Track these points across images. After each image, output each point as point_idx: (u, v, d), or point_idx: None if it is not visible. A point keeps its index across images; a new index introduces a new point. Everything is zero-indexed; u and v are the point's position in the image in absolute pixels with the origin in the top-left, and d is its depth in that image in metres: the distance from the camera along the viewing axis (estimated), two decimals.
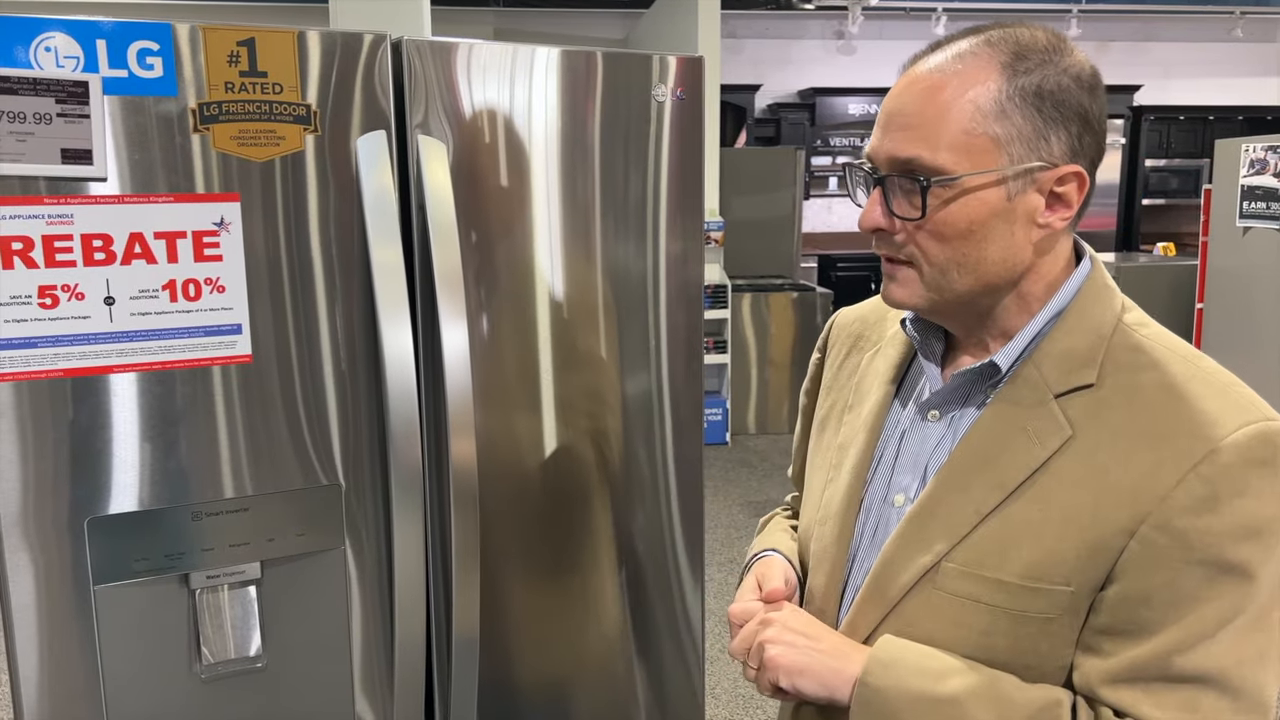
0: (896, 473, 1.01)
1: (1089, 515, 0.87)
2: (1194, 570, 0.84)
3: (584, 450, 1.64)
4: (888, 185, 0.92)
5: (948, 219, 0.90)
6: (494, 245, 1.51)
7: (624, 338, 1.64)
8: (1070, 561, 0.87)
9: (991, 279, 0.93)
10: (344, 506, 1.44)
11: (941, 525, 0.94)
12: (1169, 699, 0.85)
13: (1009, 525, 0.90)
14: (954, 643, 0.92)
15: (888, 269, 0.96)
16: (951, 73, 0.90)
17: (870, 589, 0.98)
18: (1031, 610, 0.89)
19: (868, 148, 0.96)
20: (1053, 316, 0.95)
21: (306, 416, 1.40)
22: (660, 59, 1.58)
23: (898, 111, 0.92)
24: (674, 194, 1.64)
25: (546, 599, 1.65)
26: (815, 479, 1.12)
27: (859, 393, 1.10)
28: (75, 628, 1.30)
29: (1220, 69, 8.90)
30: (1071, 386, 0.91)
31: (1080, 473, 0.88)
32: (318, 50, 1.33)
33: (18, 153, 1.19)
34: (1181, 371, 0.90)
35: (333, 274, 1.39)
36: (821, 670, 0.95)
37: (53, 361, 1.24)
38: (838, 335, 1.20)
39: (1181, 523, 0.84)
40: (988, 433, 0.94)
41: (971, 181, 0.89)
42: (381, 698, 1.51)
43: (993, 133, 0.88)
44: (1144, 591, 0.85)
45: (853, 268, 8.62)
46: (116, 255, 1.25)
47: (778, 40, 8.62)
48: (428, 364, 1.47)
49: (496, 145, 1.49)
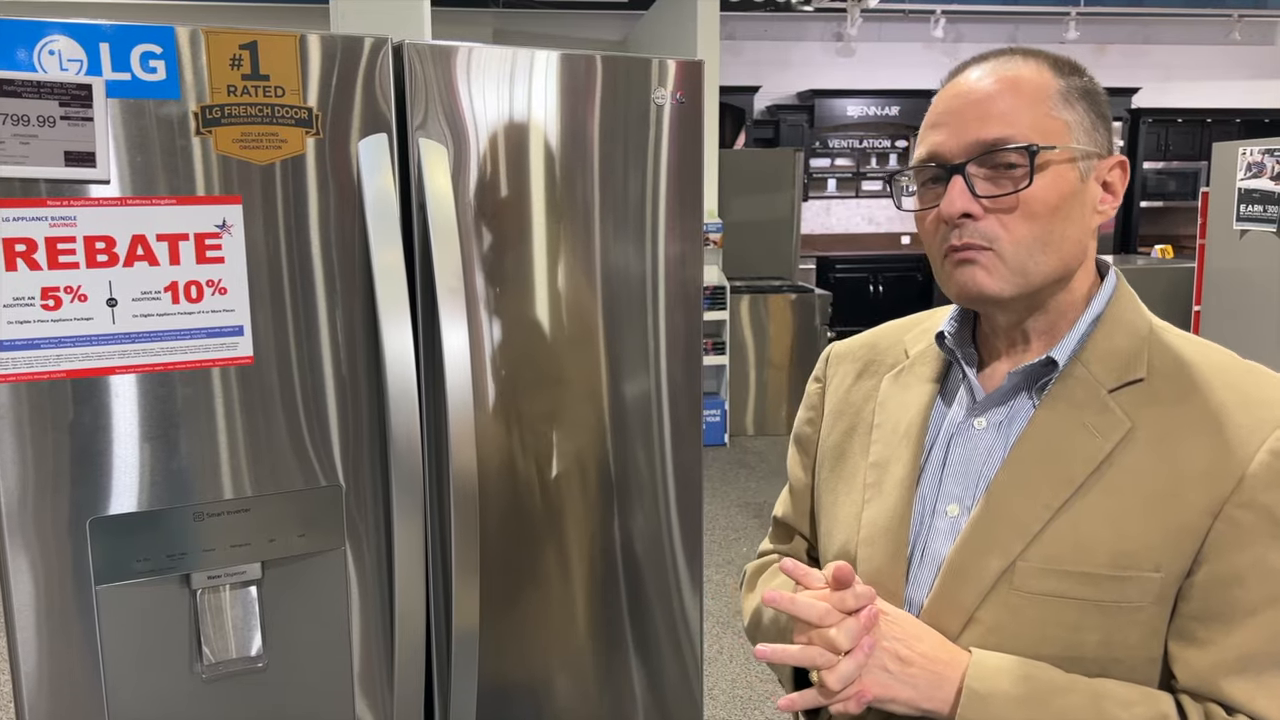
0: (945, 485, 1.00)
1: (1167, 500, 0.88)
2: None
3: (582, 451, 1.65)
4: (968, 172, 0.94)
5: (1039, 193, 0.92)
6: (494, 248, 1.52)
7: (623, 339, 1.65)
8: (1157, 546, 0.88)
9: (1069, 260, 0.96)
10: (344, 507, 1.44)
11: (1010, 526, 0.93)
12: (1277, 686, 0.86)
13: (1083, 518, 0.91)
14: (1041, 643, 0.91)
15: (967, 256, 0.94)
16: (1015, 70, 0.95)
17: (940, 601, 0.96)
18: (1122, 600, 0.89)
19: (927, 148, 0.97)
20: (1093, 320, 0.98)
21: (307, 418, 1.41)
22: (660, 62, 1.59)
23: (973, 106, 0.94)
24: (673, 196, 1.65)
25: (545, 600, 1.65)
26: (845, 504, 1.08)
27: (886, 411, 1.08)
28: (77, 627, 1.30)
29: (1218, 72, 8.92)
30: (1123, 381, 0.94)
31: (1148, 461, 0.90)
32: (319, 54, 1.34)
33: (21, 155, 1.19)
34: (1222, 362, 0.94)
35: (333, 276, 1.40)
36: (915, 698, 0.91)
37: (55, 363, 1.25)
38: (839, 362, 1.19)
39: (1266, 498, 0.86)
40: (1047, 430, 0.95)
41: (1059, 156, 0.93)
42: (381, 698, 1.52)
43: (1063, 117, 0.94)
44: (1235, 571, 0.86)
45: (851, 269, 8.63)
46: (119, 257, 1.26)
47: (777, 42, 8.63)
48: (428, 366, 1.48)
49: (496, 148, 1.50)
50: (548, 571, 1.65)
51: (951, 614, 0.95)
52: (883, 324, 1.20)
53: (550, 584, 1.65)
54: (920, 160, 0.98)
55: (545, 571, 1.65)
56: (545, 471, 1.62)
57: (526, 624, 1.65)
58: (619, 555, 1.71)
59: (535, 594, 1.65)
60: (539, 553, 1.64)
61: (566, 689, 1.70)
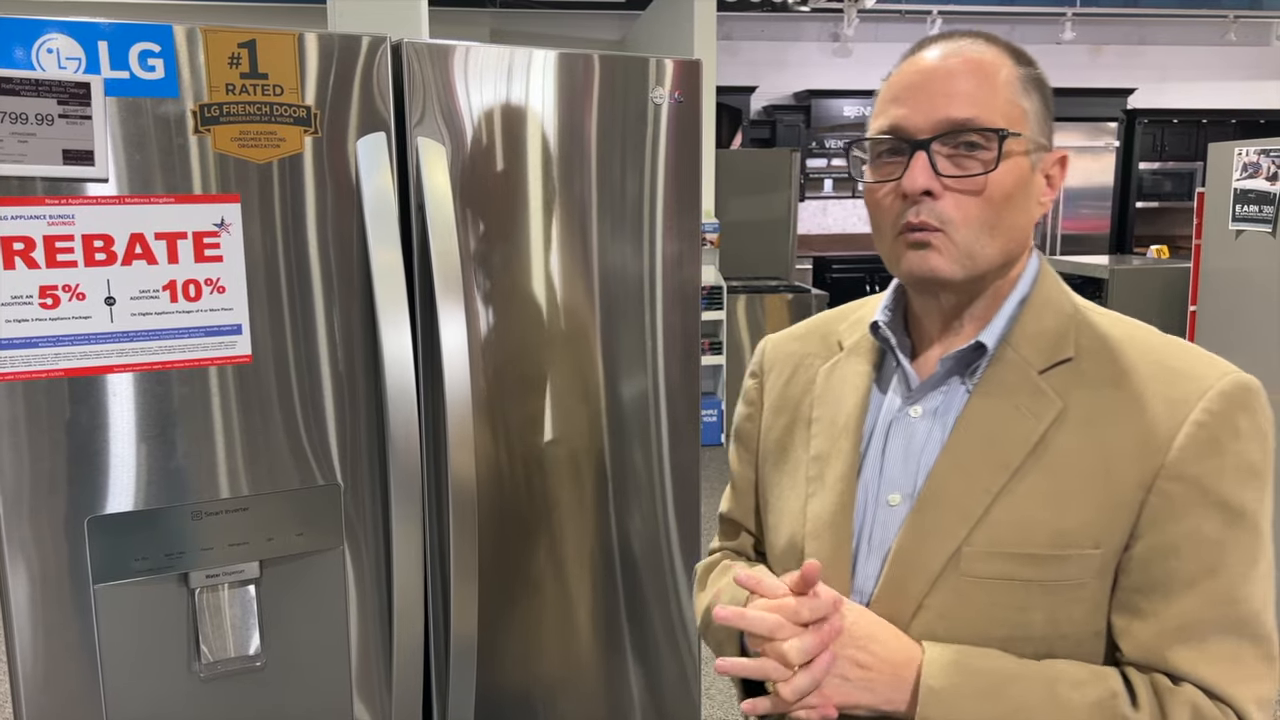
0: (885, 474, 1.01)
1: (1102, 477, 0.90)
2: (1212, 514, 0.88)
3: (580, 451, 1.65)
4: (933, 150, 0.93)
5: (999, 178, 0.93)
6: (492, 247, 1.52)
7: (620, 339, 1.65)
8: (1095, 523, 0.90)
9: (1012, 248, 0.97)
10: (342, 507, 1.44)
11: (953, 512, 0.94)
12: (1218, 652, 0.88)
13: (1023, 500, 0.92)
14: (991, 625, 0.92)
15: (920, 238, 0.95)
16: (979, 53, 0.95)
17: (889, 590, 0.97)
18: (1064, 578, 0.90)
19: (890, 119, 0.96)
20: (1020, 302, 0.99)
21: (305, 417, 1.41)
22: (657, 62, 1.59)
23: (939, 83, 0.94)
24: (671, 196, 1.65)
25: (542, 600, 1.65)
26: (789, 499, 1.09)
27: (824, 404, 1.09)
28: (75, 626, 1.30)
29: (1214, 72, 8.93)
30: (1052, 362, 0.95)
31: (1081, 439, 0.91)
32: (318, 52, 1.34)
33: (19, 153, 1.19)
34: (1146, 339, 0.96)
35: (330, 275, 1.40)
36: (875, 702, 0.92)
37: (53, 361, 1.25)
38: (775, 356, 1.19)
39: (1194, 469, 0.88)
40: (981, 415, 0.96)
41: (1019, 145, 0.93)
42: (379, 697, 1.52)
43: (1024, 105, 0.94)
44: (1171, 542, 0.88)
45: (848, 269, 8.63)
46: (117, 256, 1.26)
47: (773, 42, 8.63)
48: (425, 364, 1.48)
49: (494, 147, 1.50)
50: (545, 572, 1.65)
51: (901, 602, 0.96)
52: (816, 314, 1.21)
53: (547, 584, 1.65)
54: (881, 131, 0.97)
55: (542, 572, 1.65)
56: (542, 471, 1.62)
57: (524, 624, 1.65)
58: (616, 555, 1.71)
59: (532, 594, 1.64)
60: (536, 553, 1.64)
61: (564, 689, 1.70)
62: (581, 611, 1.69)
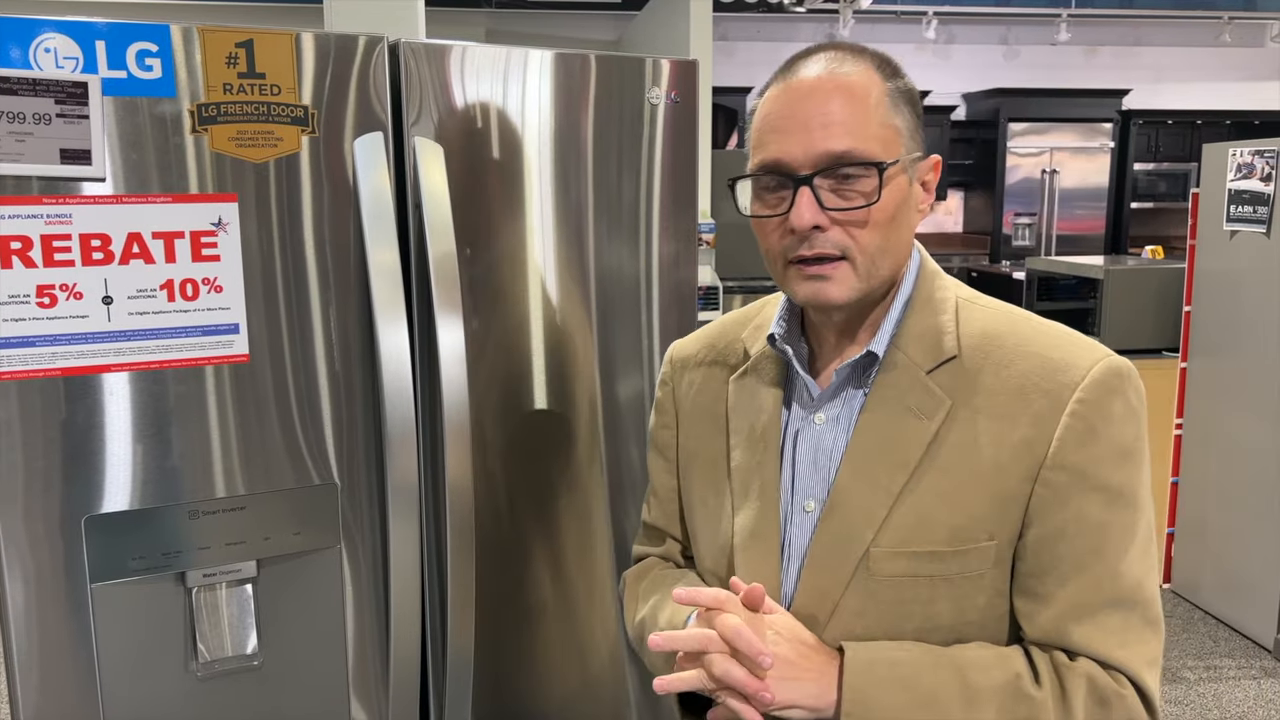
0: (798, 481, 1.04)
1: (992, 472, 0.94)
2: (1093, 498, 0.93)
3: (577, 452, 1.65)
4: (815, 184, 0.95)
5: (884, 205, 0.96)
6: (489, 247, 1.52)
7: (617, 339, 1.65)
8: (988, 516, 0.95)
9: (900, 262, 1.01)
10: (339, 506, 1.44)
11: (859, 515, 0.98)
12: (1108, 625, 0.93)
13: (922, 500, 0.96)
14: (902, 620, 0.97)
15: (817, 270, 0.97)
16: (849, 74, 0.96)
17: (808, 594, 1.01)
18: (965, 570, 0.95)
19: (771, 154, 0.97)
20: (904, 303, 1.02)
21: (302, 416, 1.41)
22: (653, 62, 1.60)
23: (816, 113, 0.95)
24: (667, 196, 1.65)
25: (539, 601, 1.66)
26: (714, 509, 1.11)
27: (739, 414, 1.11)
28: (72, 625, 1.30)
29: (1208, 73, 8.95)
30: (938, 361, 0.99)
31: (970, 435, 0.96)
32: (315, 52, 1.34)
33: (17, 153, 1.19)
34: (1025, 331, 1.00)
35: (327, 274, 1.40)
36: (808, 701, 0.95)
37: (50, 360, 1.25)
38: (683, 366, 1.20)
39: (1075, 458, 0.93)
40: (877, 419, 1.00)
41: (897, 169, 0.96)
42: (376, 696, 1.52)
43: (894, 124, 0.97)
44: (1058, 528, 0.94)
45: None
46: (114, 255, 1.26)
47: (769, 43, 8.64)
48: (422, 364, 1.48)
49: (491, 147, 1.50)
50: (541, 572, 1.65)
51: (819, 604, 1.00)
52: (718, 319, 1.23)
53: (544, 584, 1.66)
54: (763, 167, 0.98)
55: (539, 572, 1.65)
56: (539, 472, 1.62)
57: (521, 625, 1.65)
58: (613, 556, 1.71)
59: (529, 594, 1.65)
60: (532, 553, 1.64)
61: (561, 690, 1.70)
62: (578, 612, 1.69)
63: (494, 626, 1.62)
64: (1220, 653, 3.45)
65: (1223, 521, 3.63)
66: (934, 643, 0.96)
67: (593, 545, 1.69)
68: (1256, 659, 3.40)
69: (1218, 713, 3.05)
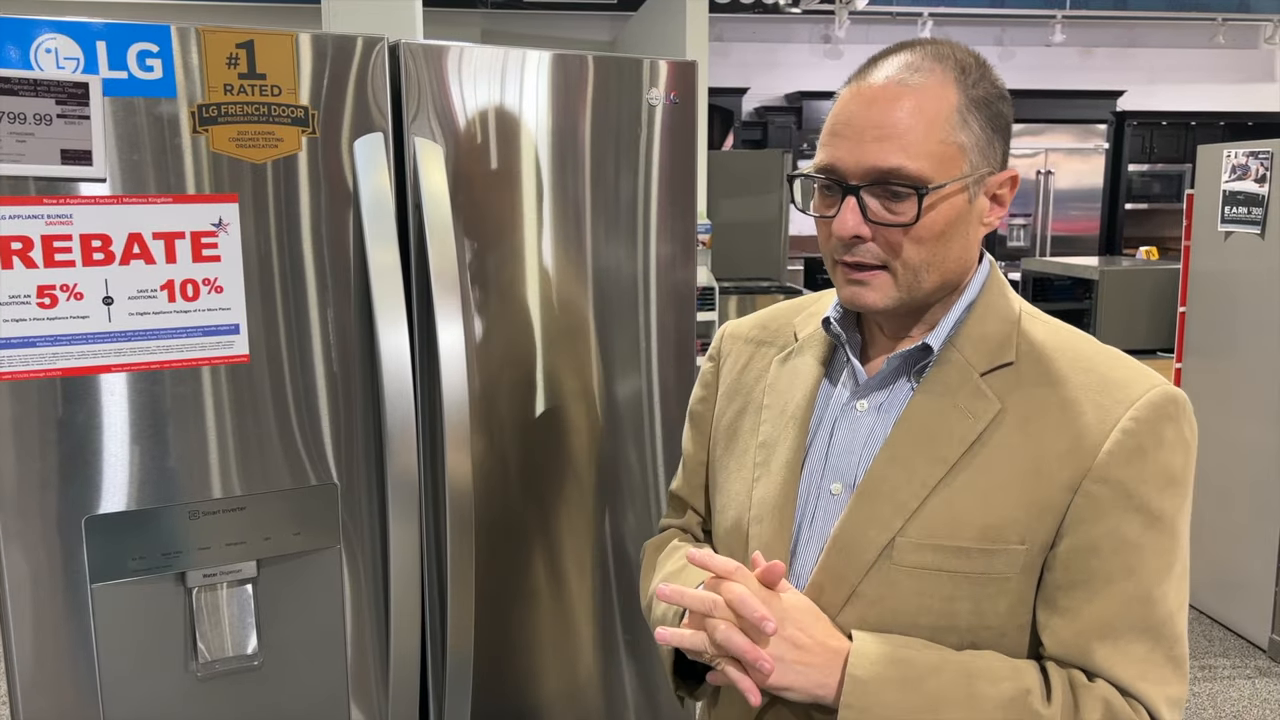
0: (829, 464, 1.04)
1: (1032, 477, 0.94)
2: (1133, 517, 0.92)
3: (574, 452, 1.65)
4: (863, 195, 0.96)
5: (927, 223, 0.96)
6: (487, 248, 1.53)
7: (615, 340, 1.65)
8: (1022, 520, 0.94)
9: (950, 276, 1.00)
10: (339, 506, 1.44)
11: (890, 503, 0.98)
12: (1133, 651, 0.92)
13: (957, 495, 0.96)
14: (919, 613, 0.96)
15: (857, 275, 0.99)
16: (916, 85, 0.95)
17: (825, 575, 1.00)
18: (990, 571, 0.94)
19: (826, 158, 0.98)
20: (967, 306, 1.03)
21: (301, 416, 1.41)
22: (651, 63, 1.60)
23: (872, 124, 0.95)
24: (665, 197, 1.66)
25: (538, 600, 1.66)
26: (736, 482, 1.13)
27: (775, 393, 1.12)
28: (72, 625, 1.30)
29: (1203, 75, 8.97)
30: (994, 365, 0.99)
31: (1016, 440, 0.95)
32: (315, 53, 1.35)
33: (17, 153, 1.19)
34: (1084, 348, 1.00)
35: (327, 274, 1.40)
36: (807, 685, 0.95)
37: (51, 361, 1.25)
38: (733, 342, 1.23)
39: (1119, 473, 0.92)
40: (923, 412, 1.00)
41: (949, 189, 0.95)
42: (375, 696, 1.52)
43: (959, 141, 0.95)
44: (1092, 541, 0.92)
45: None
46: (115, 255, 1.26)
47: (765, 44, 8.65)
48: (422, 364, 1.48)
49: (489, 148, 1.50)
50: (540, 572, 1.65)
51: (835, 588, 1.00)
52: (774, 305, 1.24)
53: (542, 584, 1.66)
54: (818, 169, 1.00)
55: (537, 572, 1.65)
56: (537, 472, 1.63)
57: (520, 625, 1.65)
58: (610, 555, 1.71)
59: (528, 594, 1.65)
60: (532, 553, 1.64)
61: (559, 689, 1.71)
62: (576, 611, 1.70)
63: (493, 626, 1.62)
64: (1215, 652, 3.47)
65: (1217, 521, 3.65)
66: (948, 643, 0.96)
67: (591, 545, 1.69)
68: (1251, 659, 3.41)
69: (1213, 712, 3.07)
